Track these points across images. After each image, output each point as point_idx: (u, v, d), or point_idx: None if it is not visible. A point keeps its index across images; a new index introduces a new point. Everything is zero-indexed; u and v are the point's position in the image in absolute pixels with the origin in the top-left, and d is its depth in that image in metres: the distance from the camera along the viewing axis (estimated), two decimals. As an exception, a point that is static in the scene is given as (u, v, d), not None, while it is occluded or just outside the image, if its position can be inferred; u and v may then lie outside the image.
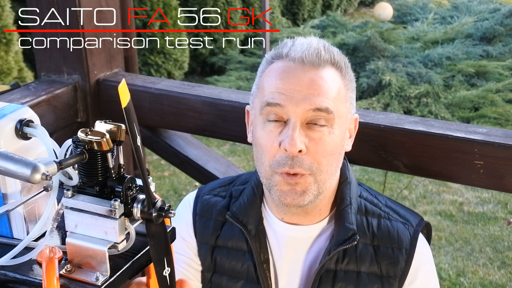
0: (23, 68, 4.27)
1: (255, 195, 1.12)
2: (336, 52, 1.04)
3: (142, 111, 1.54)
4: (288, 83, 0.98)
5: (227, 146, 4.84)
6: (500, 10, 7.06)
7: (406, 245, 1.07)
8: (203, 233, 1.15)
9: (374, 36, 5.91)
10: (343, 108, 1.01)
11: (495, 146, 1.15)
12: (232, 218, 1.10)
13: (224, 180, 1.23)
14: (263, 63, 1.07)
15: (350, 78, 1.05)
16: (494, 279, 3.08)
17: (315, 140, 0.97)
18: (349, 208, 1.07)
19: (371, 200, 1.13)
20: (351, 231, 1.04)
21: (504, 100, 5.24)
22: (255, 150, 1.04)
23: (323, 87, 0.97)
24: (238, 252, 1.11)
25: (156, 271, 0.68)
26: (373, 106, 5.25)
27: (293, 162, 0.96)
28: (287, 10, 8.53)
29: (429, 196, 4.01)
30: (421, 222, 1.11)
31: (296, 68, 0.99)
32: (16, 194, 0.68)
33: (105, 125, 0.64)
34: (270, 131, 0.99)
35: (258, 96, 1.04)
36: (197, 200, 1.19)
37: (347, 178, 1.11)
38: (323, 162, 0.98)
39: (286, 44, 1.05)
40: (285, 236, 1.10)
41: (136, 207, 0.64)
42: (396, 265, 1.06)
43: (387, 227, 1.08)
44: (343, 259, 1.06)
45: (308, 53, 0.99)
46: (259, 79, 1.06)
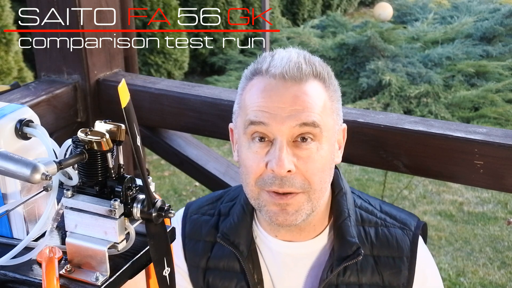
0: (23, 68, 4.27)
1: (245, 213, 1.08)
2: (318, 63, 1.00)
3: (142, 111, 1.54)
4: (271, 101, 0.94)
5: (227, 146, 4.84)
6: (500, 10, 7.05)
7: (407, 252, 1.05)
8: (193, 256, 1.11)
9: (374, 36, 5.91)
10: (329, 121, 0.98)
11: (495, 146, 1.15)
12: (222, 240, 1.06)
13: (212, 197, 1.18)
14: (242, 79, 1.03)
15: (334, 89, 1.02)
16: (494, 279, 3.08)
17: (304, 159, 0.94)
18: (348, 221, 1.04)
19: (366, 207, 1.10)
20: (354, 245, 1.01)
21: (504, 100, 5.24)
22: (241, 171, 1.01)
23: (308, 102, 0.94)
24: (231, 273, 1.08)
25: (156, 271, 0.68)
26: (373, 106, 5.25)
27: (282, 182, 0.93)
28: (287, 10, 8.53)
29: (429, 196, 4.01)
30: (419, 224, 1.09)
31: (277, 84, 0.95)
32: (16, 194, 0.68)
33: (105, 125, 0.64)
34: (256, 151, 0.95)
35: (241, 115, 1.00)
36: (185, 220, 1.15)
37: (342, 188, 1.08)
38: (315, 180, 0.95)
39: (265, 59, 1.00)
40: (281, 254, 1.07)
41: (136, 207, 0.64)
42: (399, 274, 1.04)
43: (385, 236, 1.06)
44: (344, 273, 1.03)
45: (288, 68, 0.95)
46: (240, 97, 1.02)
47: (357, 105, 5.22)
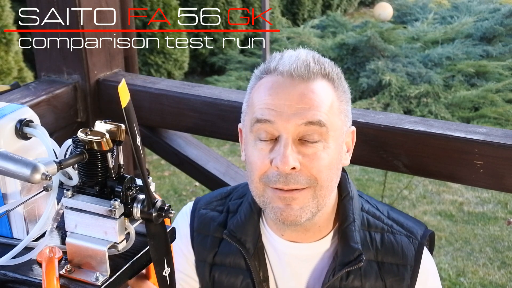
0: (23, 68, 4.27)
1: (252, 211, 1.08)
2: (328, 64, 1.00)
3: (142, 111, 1.54)
4: (278, 98, 0.94)
5: (227, 146, 4.84)
6: (500, 10, 7.06)
7: (411, 261, 1.04)
8: (201, 250, 1.12)
9: (374, 36, 5.91)
10: (337, 121, 0.97)
11: (495, 146, 1.15)
12: (229, 237, 1.07)
13: (221, 193, 1.19)
14: (252, 79, 1.04)
15: (343, 90, 1.01)
16: (494, 279, 3.08)
17: (309, 156, 0.93)
18: (352, 226, 1.03)
19: (373, 213, 1.09)
20: (356, 251, 1.01)
21: (504, 100, 5.25)
22: (247, 168, 1.01)
23: (314, 100, 0.93)
24: (237, 270, 1.08)
25: (156, 271, 0.68)
26: (373, 106, 5.25)
27: (287, 179, 0.93)
28: (287, 10, 8.54)
29: (429, 196, 4.01)
30: (426, 233, 1.08)
31: (285, 82, 0.95)
32: (16, 194, 0.68)
33: (105, 125, 0.64)
34: (261, 148, 0.95)
35: (248, 113, 1.00)
36: (194, 214, 1.15)
37: (349, 193, 1.07)
38: (322, 177, 0.94)
39: (275, 57, 1.01)
40: (286, 254, 1.07)
41: (136, 207, 0.64)
42: (401, 282, 1.04)
43: (391, 242, 1.05)
44: (347, 277, 1.03)
45: (296, 66, 0.95)
46: (248, 95, 1.03)
47: (357, 105, 5.22)
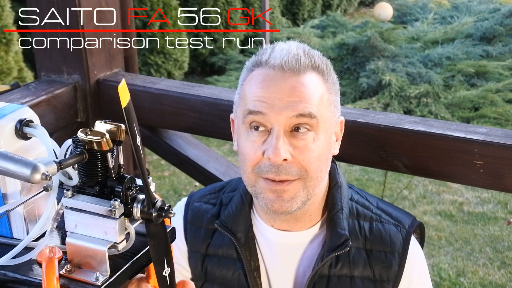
0: (23, 68, 4.27)
1: (243, 203, 1.11)
2: (317, 56, 1.02)
3: (142, 111, 1.54)
4: (269, 91, 0.97)
5: (227, 146, 4.84)
6: (500, 10, 7.06)
7: (399, 248, 1.06)
8: (194, 241, 1.14)
9: (374, 36, 5.91)
10: (327, 113, 1.00)
11: (495, 146, 1.15)
12: (220, 227, 1.10)
13: (214, 187, 1.22)
14: (244, 71, 1.06)
15: (333, 81, 1.04)
16: (494, 279, 3.08)
17: (300, 148, 0.96)
18: (340, 213, 1.06)
19: (362, 202, 1.12)
20: (343, 237, 1.03)
21: (504, 100, 5.24)
22: (239, 159, 1.04)
23: (305, 93, 0.96)
24: (229, 260, 1.11)
25: (156, 271, 0.68)
26: (373, 106, 5.25)
27: (278, 170, 0.95)
28: (287, 10, 8.53)
29: (429, 196, 4.01)
30: (414, 223, 1.10)
31: (276, 75, 0.98)
32: (16, 194, 0.68)
33: (105, 125, 0.64)
34: (253, 140, 0.98)
35: (241, 105, 1.03)
36: (188, 207, 1.18)
37: (338, 182, 1.10)
38: (311, 169, 0.97)
39: (266, 50, 1.03)
40: (277, 243, 1.09)
41: (136, 207, 0.64)
42: (389, 269, 1.06)
43: (379, 230, 1.08)
44: (336, 264, 1.05)
45: (287, 59, 0.98)
46: (240, 87, 1.05)
47: (357, 105, 5.22)
